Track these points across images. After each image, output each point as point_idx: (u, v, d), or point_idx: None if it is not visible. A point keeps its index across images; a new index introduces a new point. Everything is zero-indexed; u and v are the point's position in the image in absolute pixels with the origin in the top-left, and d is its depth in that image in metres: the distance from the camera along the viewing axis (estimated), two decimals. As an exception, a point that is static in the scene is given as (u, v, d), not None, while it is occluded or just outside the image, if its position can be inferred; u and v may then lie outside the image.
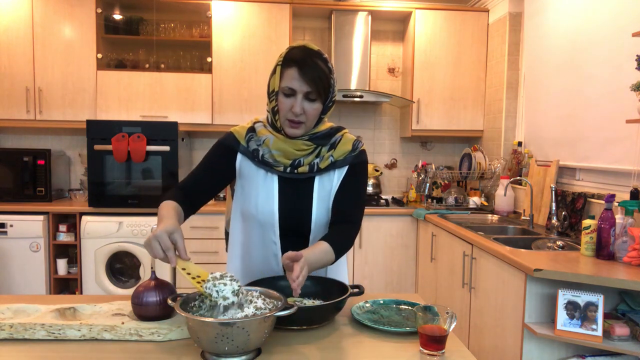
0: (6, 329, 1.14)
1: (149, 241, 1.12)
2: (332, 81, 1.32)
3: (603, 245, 2.08)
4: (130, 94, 3.63)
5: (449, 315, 1.10)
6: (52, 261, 3.44)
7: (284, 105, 1.30)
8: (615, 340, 1.83)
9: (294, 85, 1.27)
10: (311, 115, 1.31)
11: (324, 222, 1.41)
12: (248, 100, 3.73)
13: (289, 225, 1.39)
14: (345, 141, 1.41)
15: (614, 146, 2.53)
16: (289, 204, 1.38)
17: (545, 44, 3.19)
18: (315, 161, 1.37)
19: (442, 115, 3.87)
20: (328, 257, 1.28)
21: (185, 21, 3.79)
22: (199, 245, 3.48)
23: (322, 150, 1.38)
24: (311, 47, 1.31)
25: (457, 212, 3.52)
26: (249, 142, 1.39)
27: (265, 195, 1.37)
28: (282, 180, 1.38)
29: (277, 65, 1.31)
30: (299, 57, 1.27)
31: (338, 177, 1.40)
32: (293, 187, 1.39)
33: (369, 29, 3.82)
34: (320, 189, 1.39)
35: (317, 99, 1.30)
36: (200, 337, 1.00)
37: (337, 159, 1.39)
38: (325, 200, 1.40)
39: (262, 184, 1.38)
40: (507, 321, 2.20)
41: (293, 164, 1.36)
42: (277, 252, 1.40)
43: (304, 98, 1.29)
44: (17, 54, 3.54)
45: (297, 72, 1.27)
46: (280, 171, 1.36)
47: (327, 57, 1.32)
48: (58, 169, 3.75)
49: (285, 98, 1.29)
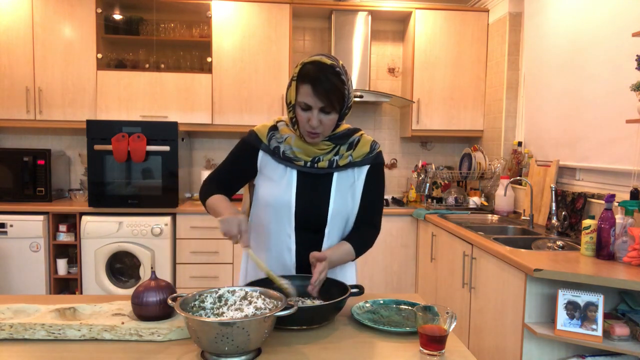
0: (6, 329, 1.14)
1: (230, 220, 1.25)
2: (346, 92, 1.36)
3: (603, 245, 2.08)
4: (130, 94, 3.63)
5: (449, 315, 1.10)
6: (52, 261, 3.44)
7: (301, 117, 1.36)
8: (615, 340, 1.83)
9: (309, 102, 1.33)
10: (328, 125, 1.38)
11: (339, 218, 1.45)
12: (248, 100, 3.73)
13: (305, 219, 1.43)
14: (363, 142, 1.48)
15: (614, 146, 2.53)
16: (306, 197, 1.43)
17: (545, 44, 3.19)
18: (335, 158, 1.44)
19: (442, 115, 3.87)
20: (348, 258, 1.44)
21: (185, 21, 3.79)
22: (199, 245, 3.48)
23: (341, 149, 1.45)
24: (324, 62, 1.34)
25: (457, 212, 3.52)
26: (270, 140, 1.45)
27: (283, 187, 1.43)
28: (301, 175, 1.44)
29: (292, 79, 1.37)
30: (312, 74, 1.32)
31: (358, 176, 1.47)
32: (311, 182, 1.44)
33: (369, 29, 3.82)
34: (338, 184, 1.45)
35: (332, 111, 1.36)
36: (201, 337, 1.00)
37: (356, 159, 1.46)
38: (343, 196, 1.45)
39: (281, 176, 1.44)
40: (507, 321, 2.20)
41: (313, 160, 1.42)
42: (292, 246, 1.44)
43: (320, 111, 1.34)
44: (17, 54, 3.54)
45: (310, 89, 1.31)
46: (300, 166, 1.42)
47: (340, 69, 1.35)
48: (58, 169, 3.75)
49: (302, 111, 1.36)
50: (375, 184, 1.50)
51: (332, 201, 1.43)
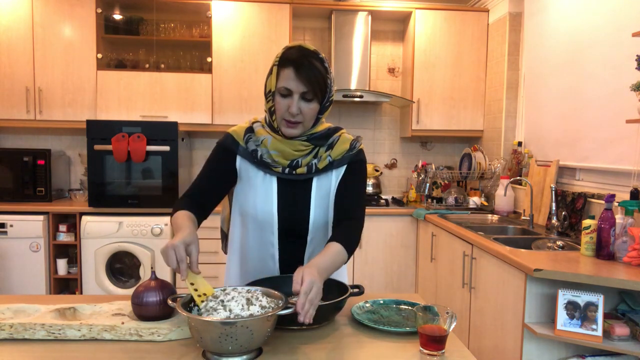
0: (6, 329, 1.14)
1: (166, 250, 1.11)
2: (328, 81, 1.31)
3: (603, 245, 2.08)
4: (130, 94, 3.63)
5: (449, 315, 1.10)
6: (52, 261, 3.44)
7: (280, 105, 1.30)
8: (615, 340, 1.83)
9: (290, 86, 1.27)
10: (308, 115, 1.31)
11: (322, 224, 1.41)
12: (248, 100, 3.73)
13: (287, 227, 1.39)
14: (342, 141, 1.41)
15: (614, 146, 2.53)
16: (287, 205, 1.38)
17: (545, 44, 3.19)
18: (313, 162, 1.37)
19: (442, 115, 3.87)
20: (341, 257, 1.25)
21: (185, 21, 3.79)
22: (199, 245, 3.48)
23: (320, 150, 1.38)
24: (307, 47, 1.31)
25: (457, 212, 3.52)
26: (248, 142, 1.39)
27: (264, 196, 1.38)
28: (281, 182, 1.38)
29: (273, 65, 1.31)
30: (295, 57, 1.27)
31: (336, 177, 1.40)
32: (291, 189, 1.39)
33: (369, 29, 3.82)
34: (318, 190, 1.39)
35: (314, 98, 1.30)
36: (204, 337, 1.00)
37: (335, 158, 1.38)
38: (323, 201, 1.40)
39: (261, 184, 1.38)
40: (507, 321, 2.20)
41: (291, 165, 1.36)
42: (275, 254, 1.41)
43: (301, 98, 1.28)
44: (17, 54, 3.54)
45: (293, 72, 1.26)
46: (278, 172, 1.36)
47: (323, 57, 1.32)
48: (58, 169, 3.75)
49: (281, 98, 1.29)
50: (353, 177, 1.40)
51: (313, 209, 1.38)
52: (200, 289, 1.13)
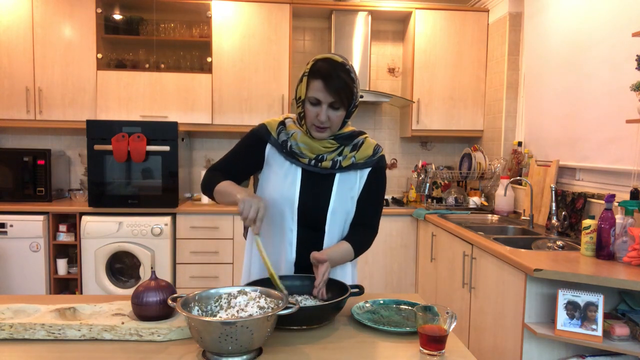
0: (6, 329, 1.14)
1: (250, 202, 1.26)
2: (355, 90, 1.40)
3: (603, 245, 2.08)
4: (130, 94, 3.63)
5: (449, 315, 1.10)
6: (52, 261, 3.44)
7: (310, 112, 1.40)
8: (615, 340, 1.83)
9: (319, 97, 1.37)
10: (335, 121, 1.41)
11: (339, 218, 1.49)
12: (248, 100, 3.73)
13: (307, 216, 1.47)
14: (367, 146, 1.51)
15: (614, 146, 2.53)
16: (309, 194, 1.47)
17: (545, 44, 3.19)
18: (338, 159, 1.47)
19: (442, 115, 3.87)
20: (348, 257, 1.46)
21: (185, 21, 3.79)
22: (199, 245, 3.48)
23: (345, 149, 1.48)
24: (336, 60, 1.39)
25: (457, 212, 3.52)
26: (280, 134, 1.49)
27: (288, 183, 1.47)
28: (306, 173, 1.48)
29: (303, 75, 1.41)
30: (324, 71, 1.36)
31: (359, 178, 1.51)
32: (315, 181, 1.48)
33: (369, 29, 3.82)
34: (340, 185, 1.48)
35: (341, 107, 1.40)
36: (204, 337, 1.00)
37: (359, 161, 1.49)
38: (343, 196, 1.48)
39: (286, 172, 1.48)
40: (507, 321, 2.20)
41: (317, 158, 1.45)
42: (293, 240, 1.48)
43: (329, 107, 1.38)
44: (17, 54, 3.54)
45: (322, 84, 1.36)
46: (304, 163, 1.46)
47: (350, 68, 1.40)
48: (58, 169, 3.75)
49: (311, 106, 1.40)
50: (375, 187, 1.53)
51: (333, 201, 1.47)
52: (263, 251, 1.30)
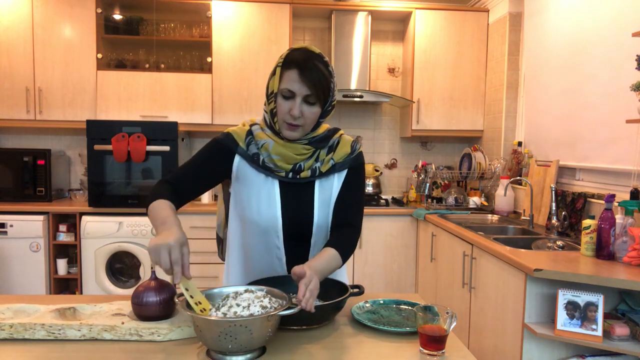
0: (6, 329, 1.14)
1: (158, 248, 1.05)
2: (332, 85, 1.30)
3: (603, 245, 2.08)
4: (130, 94, 3.63)
5: (449, 315, 1.10)
6: (52, 261, 3.44)
7: (282, 107, 1.28)
8: (615, 340, 1.83)
9: (294, 88, 1.26)
10: (309, 119, 1.30)
11: (325, 225, 1.41)
12: (248, 100, 3.73)
13: (291, 230, 1.38)
14: (343, 143, 1.42)
15: (614, 146, 2.53)
16: (290, 208, 1.37)
17: (545, 44, 3.19)
18: (316, 165, 1.37)
19: (442, 115, 3.87)
20: (336, 263, 1.28)
21: (185, 21, 3.79)
22: (199, 245, 3.48)
23: (321, 153, 1.38)
24: (312, 50, 1.29)
25: (457, 212, 3.51)
26: (249, 145, 1.36)
27: (267, 201, 1.36)
28: (283, 185, 1.37)
29: (277, 66, 1.29)
30: (300, 59, 1.25)
31: (338, 180, 1.41)
32: (294, 192, 1.38)
33: (369, 29, 3.82)
34: (320, 192, 1.39)
35: (317, 102, 1.28)
36: (205, 335, 1.01)
37: (337, 161, 1.39)
38: (326, 203, 1.40)
39: (262, 188, 1.36)
40: (507, 321, 2.20)
41: (294, 169, 1.35)
42: (282, 256, 1.39)
43: (303, 101, 1.27)
44: (17, 54, 3.54)
45: (297, 74, 1.25)
46: (282, 176, 1.35)
47: (327, 61, 1.30)
48: (58, 169, 3.75)
49: (284, 100, 1.28)
50: (356, 185, 1.43)
51: (316, 211, 1.38)
52: (195, 296, 1.08)
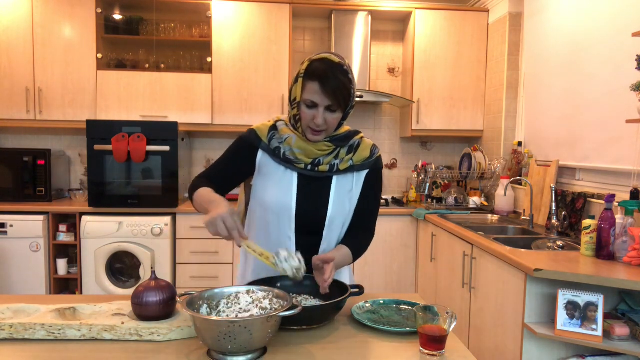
0: (6, 329, 1.14)
1: (214, 220, 1.17)
2: (352, 91, 1.36)
3: (603, 245, 2.08)
4: (130, 94, 3.63)
5: (449, 315, 1.10)
6: (52, 261, 3.44)
7: (306, 115, 1.35)
8: (615, 340, 1.84)
9: (316, 99, 1.32)
10: (331, 124, 1.37)
11: (338, 222, 1.46)
12: (248, 100, 3.73)
13: (304, 221, 1.43)
14: (364, 147, 1.48)
15: (614, 146, 2.53)
16: (306, 200, 1.43)
17: (545, 44, 3.19)
18: (335, 162, 1.43)
19: (442, 115, 3.87)
20: (347, 260, 1.42)
21: (185, 21, 3.79)
22: (199, 245, 3.48)
23: (341, 152, 1.44)
24: (333, 60, 1.33)
25: (457, 212, 3.51)
26: (271, 140, 1.43)
27: (284, 189, 1.42)
28: (301, 177, 1.43)
29: (299, 76, 1.35)
30: (321, 72, 1.31)
31: (356, 181, 1.47)
32: (311, 185, 1.43)
33: (369, 29, 3.82)
34: (337, 188, 1.44)
35: (338, 109, 1.35)
36: (205, 335, 1.02)
37: (356, 163, 1.46)
38: (341, 200, 1.44)
39: (281, 178, 1.43)
40: (507, 321, 2.20)
41: (313, 162, 1.41)
42: (292, 248, 1.44)
43: (326, 110, 1.34)
44: (17, 54, 3.54)
45: (319, 86, 1.31)
46: (301, 168, 1.41)
47: (347, 68, 1.35)
48: (58, 169, 3.75)
49: (307, 109, 1.35)
50: (373, 190, 1.50)
51: (331, 205, 1.43)
52: (256, 250, 1.24)
